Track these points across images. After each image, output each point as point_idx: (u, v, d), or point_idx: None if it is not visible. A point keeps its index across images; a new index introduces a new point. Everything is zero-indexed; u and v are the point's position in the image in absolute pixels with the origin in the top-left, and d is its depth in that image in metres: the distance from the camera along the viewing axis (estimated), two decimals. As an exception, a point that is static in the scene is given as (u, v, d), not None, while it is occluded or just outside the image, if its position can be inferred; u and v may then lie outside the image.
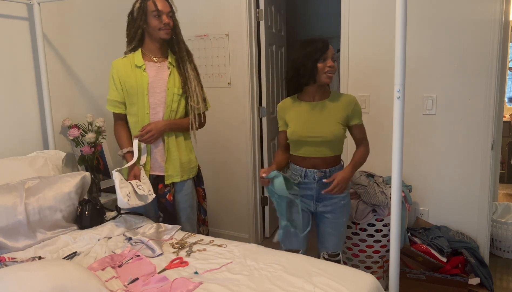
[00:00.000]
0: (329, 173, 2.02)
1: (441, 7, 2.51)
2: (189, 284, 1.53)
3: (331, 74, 1.95)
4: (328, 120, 1.97)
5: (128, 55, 2.22)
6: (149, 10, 2.09)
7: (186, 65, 2.22)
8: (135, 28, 2.15)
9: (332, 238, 2.08)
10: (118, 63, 2.20)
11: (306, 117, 2.01)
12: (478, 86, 2.49)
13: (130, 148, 2.21)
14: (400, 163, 1.59)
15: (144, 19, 2.12)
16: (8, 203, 1.92)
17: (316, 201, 2.06)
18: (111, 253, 1.85)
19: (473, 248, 2.49)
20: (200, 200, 2.42)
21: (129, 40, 2.21)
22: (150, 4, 2.09)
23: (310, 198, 2.06)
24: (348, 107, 1.99)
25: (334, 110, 1.99)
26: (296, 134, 2.01)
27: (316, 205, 2.07)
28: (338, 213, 2.06)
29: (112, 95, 2.23)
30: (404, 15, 1.48)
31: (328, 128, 1.96)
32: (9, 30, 2.43)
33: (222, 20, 3.13)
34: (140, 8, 2.11)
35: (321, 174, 2.02)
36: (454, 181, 2.63)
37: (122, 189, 2.02)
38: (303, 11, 4.73)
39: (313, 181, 2.03)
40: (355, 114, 2.01)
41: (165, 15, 2.11)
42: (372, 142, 2.82)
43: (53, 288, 1.32)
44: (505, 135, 4.62)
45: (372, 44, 2.73)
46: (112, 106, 2.24)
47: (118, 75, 2.18)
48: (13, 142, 2.46)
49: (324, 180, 1.99)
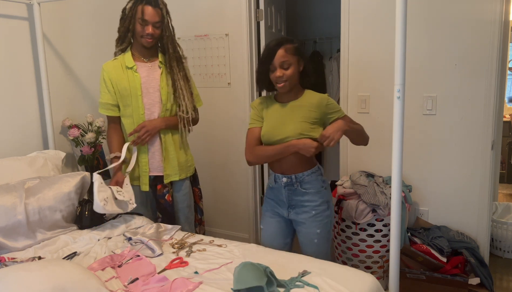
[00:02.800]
0: (295, 179, 1.92)
1: (441, 7, 2.51)
2: (189, 284, 1.53)
3: (280, 84, 1.86)
4: (294, 121, 1.88)
5: (118, 57, 2.21)
6: (137, 16, 2.08)
7: (175, 75, 2.19)
8: (124, 28, 2.15)
9: (305, 249, 1.98)
10: (109, 66, 2.20)
11: (275, 119, 1.93)
12: (478, 86, 2.49)
13: (118, 153, 2.20)
14: (400, 163, 1.59)
15: (132, 22, 2.11)
16: (8, 203, 1.92)
17: (288, 208, 1.98)
18: (111, 253, 1.84)
19: (473, 248, 2.49)
20: (197, 200, 2.42)
21: (119, 38, 2.20)
22: (139, 10, 2.07)
23: (283, 204, 1.99)
24: (320, 106, 1.89)
25: (302, 111, 1.89)
26: (265, 137, 1.94)
27: (289, 211, 1.98)
28: (309, 223, 1.94)
29: (104, 98, 2.22)
30: (404, 15, 1.48)
31: (294, 130, 1.86)
32: (9, 30, 2.43)
33: (222, 20, 3.13)
34: (130, 10, 2.10)
35: (288, 180, 1.93)
36: (454, 181, 2.63)
37: (100, 193, 2.00)
38: (303, 11, 4.73)
39: (281, 187, 1.95)
40: (331, 111, 1.90)
41: (151, 25, 2.09)
42: (372, 142, 2.82)
43: (53, 288, 1.32)
44: (505, 135, 4.62)
45: (372, 44, 2.73)
46: (105, 109, 2.23)
47: (109, 77, 2.18)
48: (13, 142, 2.46)
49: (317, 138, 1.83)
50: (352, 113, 2.84)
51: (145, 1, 2.07)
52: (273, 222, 2.05)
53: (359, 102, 2.82)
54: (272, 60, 1.83)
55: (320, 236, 1.95)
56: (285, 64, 1.84)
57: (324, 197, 1.96)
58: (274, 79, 1.87)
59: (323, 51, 4.55)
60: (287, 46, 1.84)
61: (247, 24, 3.06)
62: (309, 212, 1.94)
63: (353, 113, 2.83)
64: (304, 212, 1.94)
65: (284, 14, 3.75)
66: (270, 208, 2.05)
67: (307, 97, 1.94)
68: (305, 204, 1.94)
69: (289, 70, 1.85)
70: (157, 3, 2.09)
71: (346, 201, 2.54)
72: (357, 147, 2.86)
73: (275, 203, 2.02)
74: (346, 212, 2.51)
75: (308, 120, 1.88)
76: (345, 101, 2.86)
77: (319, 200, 1.94)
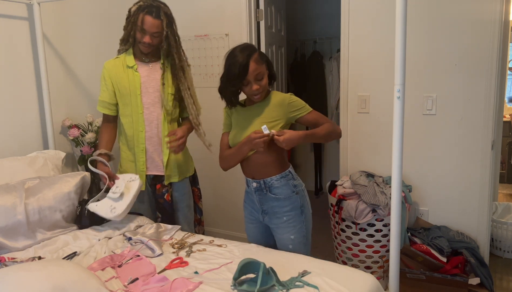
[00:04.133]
0: (263, 184, 1.87)
1: (441, 7, 2.51)
2: (189, 284, 1.53)
3: (257, 95, 1.82)
4: (254, 123, 1.84)
5: (119, 56, 2.22)
6: (137, 23, 2.08)
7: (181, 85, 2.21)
8: (127, 31, 2.15)
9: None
10: (109, 64, 2.21)
11: (239, 123, 1.91)
12: (478, 86, 2.49)
13: (105, 150, 2.22)
14: (400, 163, 1.59)
15: (134, 28, 2.11)
16: (8, 203, 1.92)
17: (262, 213, 1.94)
18: (111, 253, 1.84)
19: (473, 248, 2.49)
20: (196, 200, 2.42)
21: (123, 38, 2.20)
22: (139, 18, 2.07)
23: (257, 209, 1.96)
24: (282, 105, 1.84)
25: (264, 112, 1.85)
26: (231, 142, 1.92)
27: (263, 216, 1.95)
28: (282, 229, 1.90)
29: (102, 96, 2.24)
30: (404, 15, 1.48)
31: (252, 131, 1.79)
32: (9, 30, 2.43)
33: (222, 20, 3.13)
34: (133, 15, 2.09)
35: (257, 185, 1.89)
36: (454, 181, 2.63)
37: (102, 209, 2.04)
38: (303, 11, 4.72)
39: (253, 191, 1.92)
40: (294, 108, 1.85)
41: (149, 35, 2.08)
42: (372, 142, 2.83)
43: (53, 288, 1.32)
44: (505, 135, 4.62)
45: (372, 44, 2.72)
46: (102, 107, 2.25)
47: (109, 76, 2.19)
48: (13, 142, 2.46)
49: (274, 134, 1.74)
50: (352, 113, 2.84)
51: (146, 10, 2.06)
52: (252, 228, 2.04)
53: (359, 102, 2.82)
54: (246, 76, 1.75)
55: (294, 241, 1.90)
56: (259, 76, 1.78)
57: (295, 202, 1.89)
58: (251, 93, 1.81)
59: (323, 51, 4.55)
60: (255, 56, 1.77)
61: (247, 24, 3.06)
62: (281, 218, 1.89)
63: (353, 113, 2.84)
64: (276, 218, 1.90)
65: (284, 14, 3.75)
66: (247, 213, 2.04)
67: (271, 98, 1.89)
68: (276, 209, 1.90)
69: (263, 80, 1.81)
70: (158, 14, 2.07)
71: (346, 201, 2.54)
72: (357, 147, 2.88)
73: (251, 207, 2.00)
74: (346, 212, 2.51)
75: (268, 120, 1.83)
76: (345, 101, 2.86)
77: (290, 206, 1.88)
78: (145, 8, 2.06)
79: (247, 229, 2.08)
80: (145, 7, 2.07)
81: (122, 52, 2.23)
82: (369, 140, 2.83)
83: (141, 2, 2.09)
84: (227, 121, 2.00)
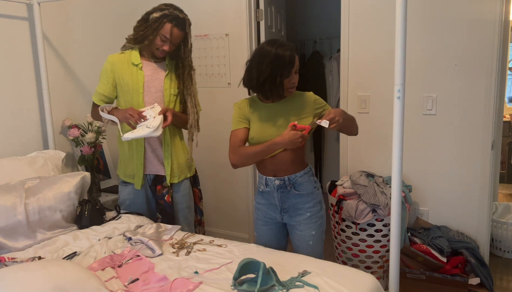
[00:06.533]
0: (288, 181, 1.89)
1: (441, 7, 2.51)
2: (189, 284, 1.53)
3: (293, 88, 1.86)
4: (286, 119, 1.86)
5: (125, 52, 2.20)
6: (161, 31, 2.06)
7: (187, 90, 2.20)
8: (144, 34, 2.10)
9: (299, 251, 1.94)
10: (114, 58, 2.18)
11: (268, 118, 1.89)
12: (478, 86, 2.49)
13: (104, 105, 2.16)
14: (400, 163, 1.59)
15: (154, 34, 2.08)
16: (8, 203, 1.92)
17: (281, 212, 1.95)
18: (111, 253, 1.85)
19: (473, 248, 2.49)
20: (197, 200, 2.42)
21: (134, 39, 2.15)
22: (166, 28, 2.05)
23: (275, 208, 1.95)
24: (309, 103, 1.89)
25: (292, 108, 1.88)
26: (255, 139, 1.89)
27: (282, 215, 1.95)
28: (304, 225, 1.91)
29: (101, 88, 2.20)
30: (404, 15, 1.48)
31: (286, 127, 1.81)
32: (9, 30, 2.43)
33: (222, 20, 3.13)
34: (156, 21, 2.06)
35: (280, 182, 1.89)
36: (454, 181, 2.63)
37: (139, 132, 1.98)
38: (303, 11, 4.73)
39: (274, 190, 1.92)
40: (319, 105, 1.91)
41: (171, 43, 2.10)
42: (372, 142, 2.83)
43: (53, 288, 1.32)
44: (505, 135, 4.62)
45: (372, 44, 2.73)
46: (97, 99, 2.22)
47: (112, 70, 2.17)
48: (13, 142, 2.46)
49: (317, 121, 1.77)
50: (352, 113, 2.82)
51: (175, 22, 2.06)
52: (266, 230, 2.03)
53: (359, 102, 2.82)
54: (293, 67, 1.80)
55: (315, 237, 1.94)
56: (297, 69, 1.85)
57: (317, 198, 1.94)
58: (290, 85, 1.84)
59: (323, 51, 4.56)
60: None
61: (247, 24, 3.06)
62: (304, 214, 1.91)
63: (353, 113, 2.82)
64: (299, 215, 1.92)
65: (284, 14, 3.75)
66: (261, 215, 2.02)
67: (293, 95, 1.91)
68: (299, 206, 1.91)
69: (297, 74, 1.86)
70: (184, 27, 2.10)
71: (346, 201, 2.54)
72: (357, 147, 2.88)
73: (266, 208, 1.99)
74: (346, 212, 2.51)
75: (299, 116, 1.87)
76: (345, 101, 2.86)
77: (313, 201, 1.92)
78: (173, 20, 2.05)
79: (258, 231, 2.06)
80: (172, 18, 2.05)
81: (128, 49, 2.21)
82: (369, 140, 2.83)
83: (165, 10, 2.06)
84: (240, 117, 1.95)
